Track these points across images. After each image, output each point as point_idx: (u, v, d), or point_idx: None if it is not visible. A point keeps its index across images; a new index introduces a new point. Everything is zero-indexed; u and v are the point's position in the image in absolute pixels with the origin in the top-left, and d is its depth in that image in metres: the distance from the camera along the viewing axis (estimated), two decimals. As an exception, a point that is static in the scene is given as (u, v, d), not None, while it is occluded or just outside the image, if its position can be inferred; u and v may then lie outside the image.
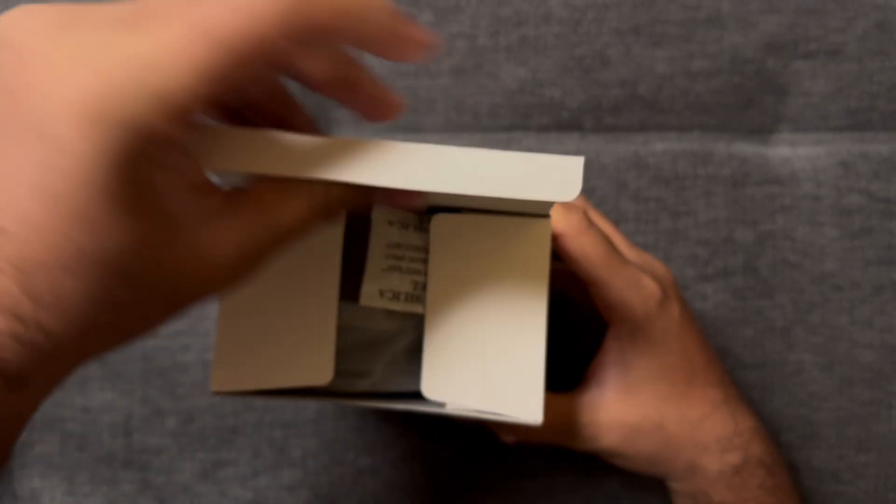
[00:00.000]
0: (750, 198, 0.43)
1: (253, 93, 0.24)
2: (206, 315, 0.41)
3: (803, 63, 0.44)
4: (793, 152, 0.44)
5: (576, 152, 0.43)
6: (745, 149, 0.44)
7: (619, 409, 0.34)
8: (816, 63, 0.44)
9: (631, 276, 0.33)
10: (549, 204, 0.26)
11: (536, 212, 0.27)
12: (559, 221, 0.32)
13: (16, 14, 0.18)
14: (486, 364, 0.28)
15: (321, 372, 0.27)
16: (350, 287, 0.28)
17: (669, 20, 0.43)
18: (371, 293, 0.28)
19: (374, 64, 0.24)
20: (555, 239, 0.32)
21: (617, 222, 0.43)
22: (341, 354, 0.28)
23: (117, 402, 0.42)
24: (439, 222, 0.28)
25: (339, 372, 0.28)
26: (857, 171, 0.43)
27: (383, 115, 0.24)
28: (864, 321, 0.43)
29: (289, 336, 0.27)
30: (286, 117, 0.25)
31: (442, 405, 0.28)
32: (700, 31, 0.43)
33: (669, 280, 0.35)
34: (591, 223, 0.33)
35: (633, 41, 0.43)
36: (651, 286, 0.33)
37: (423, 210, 0.29)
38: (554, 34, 0.43)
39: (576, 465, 0.42)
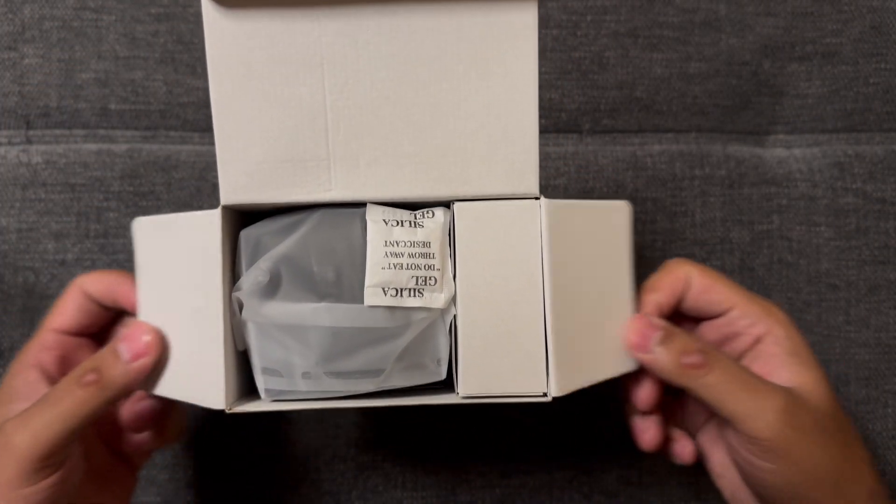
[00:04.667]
0: (746, 198, 0.44)
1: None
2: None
3: (799, 65, 0.44)
4: (788, 153, 0.45)
5: (574, 154, 0.44)
6: (742, 150, 0.44)
7: None
8: (812, 65, 0.44)
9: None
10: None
11: None
12: (659, 357, 0.29)
13: None
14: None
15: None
16: (353, 289, 0.28)
17: (667, 23, 0.44)
18: (374, 292, 0.28)
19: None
20: (676, 376, 0.29)
21: (615, 222, 0.43)
22: (351, 356, 0.28)
23: (122, 400, 0.42)
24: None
25: (350, 373, 0.28)
26: (852, 172, 0.44)
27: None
28: (859, 320, 0.43)
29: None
30: None
31: (455, 396, 0.29)
32: (697, 34, 0.44)
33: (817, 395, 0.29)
34: (703, 345, 0.29)
35: (630, 44, 0.44)
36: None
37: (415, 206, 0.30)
38: (552, 37, 0.43)
39: (574, 461, 0.42)
